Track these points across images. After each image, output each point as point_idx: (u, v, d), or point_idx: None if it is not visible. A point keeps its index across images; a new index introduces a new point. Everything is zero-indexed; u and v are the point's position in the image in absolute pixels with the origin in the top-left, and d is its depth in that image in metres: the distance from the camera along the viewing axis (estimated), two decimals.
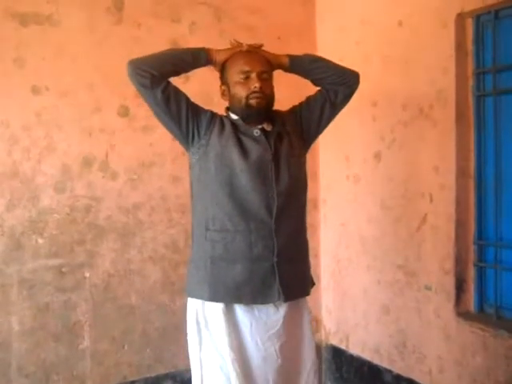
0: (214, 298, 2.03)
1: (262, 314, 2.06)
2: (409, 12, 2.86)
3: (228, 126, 2.06)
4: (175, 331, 3.01)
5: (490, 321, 2.58)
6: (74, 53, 2.83)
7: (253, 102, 2.02)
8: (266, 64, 2.08)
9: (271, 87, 2.10)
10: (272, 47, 2.25)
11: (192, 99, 2.10)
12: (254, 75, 2.02)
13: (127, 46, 2.94)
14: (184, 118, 2.04)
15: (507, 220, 2.58)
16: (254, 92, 2.01)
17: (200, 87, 2.67)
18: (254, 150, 2.03)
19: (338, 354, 3.46)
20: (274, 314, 2.08)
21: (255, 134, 2.06)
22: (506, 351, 2.44)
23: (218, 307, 2.03)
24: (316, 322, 3.56)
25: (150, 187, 3.03)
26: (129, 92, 2.93)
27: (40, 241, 2.78)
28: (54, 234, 2.81)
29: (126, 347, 2.99)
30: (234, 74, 2.05)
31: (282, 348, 2.07)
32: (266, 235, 2.02)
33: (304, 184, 2.18)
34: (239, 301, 2.04)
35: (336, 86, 2.17)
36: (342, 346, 3.42)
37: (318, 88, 2.22)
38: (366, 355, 3.23)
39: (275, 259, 2.03)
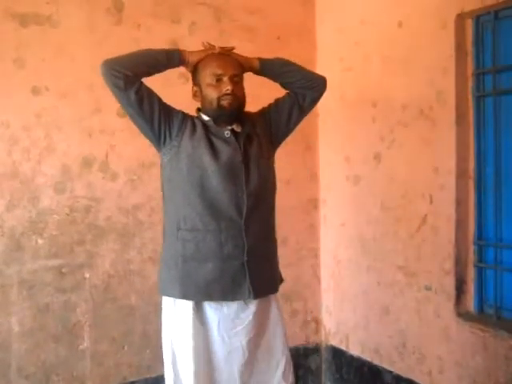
0: (184, 295, 2.09)
1: (231, 311, 2.13)
2: (408, 12, 2.86)
3: (199, 128, 2.11)
4: None
5: (489, 321, 2.58)
6: (73, 53, 2.83)
7: (224, 103, 2.07)
8: (237, 67, 2.13)
9: (242, 90, 2.15)
10: (271, 47, 2.26)
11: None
12: (226, 78, 2.07)
13: (127, 46, 2.89)
14: (156, 120, 2.07)
15: (507, 220, 2.58)
16: (226, 94, 2.06)
17: None
18: (225, 151, 2.08)
19: (337, 355, 3.46)
20: (243, 311, 2.14)
21: (225, 136, 2.10)
22: (506, 352, 2.44)
23: (187, 305, 2.09)
24: (316, 323, 3.56)
25: (150, 188, 3.03)
26: None
27: (40, 241, 2.78)
28: (53, 234, 2.81)
29: (125, 348, 2.99)
30: (207, 76, 2.10)
31: (250, 342, 2.14)
32: (236, 235, 2.07)
33: (273, 185, 2.23)
34: (209, 298, 2.10)
35: (304, 90, 2.23)
36: (342, 347, 3.42)
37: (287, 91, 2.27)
38: (366, 356, 3.23)
39: (245, 258, 2.08)
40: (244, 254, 2.08)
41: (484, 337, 2.53)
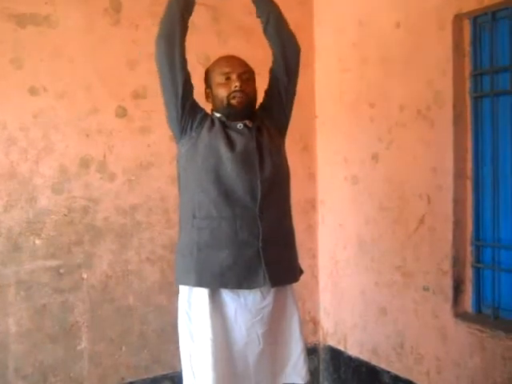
0: (199, 283, 2.09)
1: (248, 301, 2.13)
2: (406, 13, 2.86)
3: (217, 123, 2.16)
4: (173, 332, 2.96)
5: (487, 321, 2.58)
6: (71, 54, 2.83)
7: (234, 101, 2.12)
8: (246, 65, 2.19)
9: (252, 87, 2.20)
10: (268, 48, 2.26)
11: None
12: (234, 76, 2.13)
13: (125, 47, 2.94)
14: (187, 107, 2.13)
15: (505, 221, 2.59)
16: (235, 91, 2.11)
17: None
18: (239, 140, 2.12)
19: (335, 355, 3.46)
20: (260, 302, 2.14)
21: (239, 128, 2.15)
22: (503, 352, 2.44)
23: (203, 292, 2.09)
24: (314, 323, 3.57)
25: (148, 188, 3.03)
26: (126, 93, 2.96)
27: (37, 242, 2.78)
28: (51, 235, 2.81)
29: (123, 348, 2.99)
30: (216, 76, 2.16)
31: (266, 335, 2.15)
32: (250, 221, 2.08)
33: (286, 172, 2.25)
34: (225, 285, 2.09)
35: (277, 35, 2.24)
36: (340, 347, 3.42)
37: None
38: (364, 356, 3.23)
39: (260, 245, 2.08)
40: (259, 241, 2.08)
41: (482, 337, 2.54)
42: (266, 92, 2.30)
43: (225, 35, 3.17)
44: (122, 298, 2.98)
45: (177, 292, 2.23)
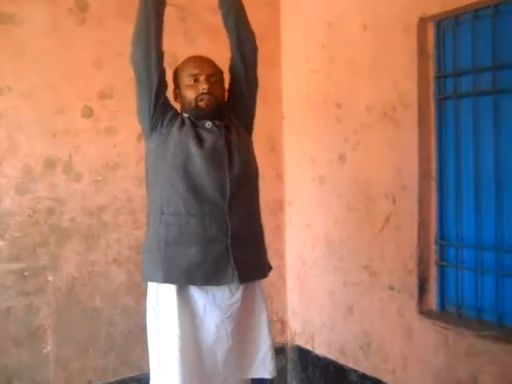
0: (167, 279, 2.09)
1: (217, 298, 2.14)
2: (373, 16, 2.90)
3: (187, 122, 2.17)
4: (140, 334, 2.96)
5: (451, 319, 2.63)
6: (36, 53, 2.79)
7: (202, 103, 2.15)
8: (215, 66, 2.21)
9: (221, 89, 2.22)
10: None
11: None
12: (202, 78, 2.16)
13: (91, 46, 2.91)
14: (159, 104, 2.13)
15: (467, 220, 2.64)
16: (203, 94, 2.13)
17: None
18: (208, 138, 2.14)
19: (303, 355, 3.48)
20: (229, 299, 2.16)
21: (207, 126, 2.16)
22: (466, 348, 2.49)
23: (171, 289, 2.09)
24: (282, 323, 3.58)
25: (115, 189, 3.00)
26: (92, 93, 2.93)
27: (1, 243, 2.72)
28: (15, 236, 2.76)
29: (90, 351, 2.95)
30: (185, 77, 2.18)
31: (234, 331, 2.16)
32: (219, 218, 2.09)
33: (255, 169, 2.28)
34: (193, 282, 2.10)
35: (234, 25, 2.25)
36: (308, 347, 3.44)
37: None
38: (332, 355, 3.26)
39: (229, 241, 2.09)
40: (228, 237, 2.09)
41: (446, 334, 2.58)
42: (229, 91, 2.31)
43: (192, 34, 3.16)
44: (89, 300, 2.95)
45: (144, 293, 2.22)
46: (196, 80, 2.15)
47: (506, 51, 2.43)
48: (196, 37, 3.16)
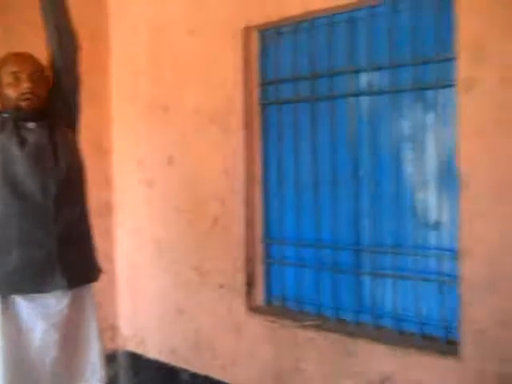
0: None
1: (43, 305, 2.05)
2: (200, 21, 2.96)
3: (8, 122, 2.05)
4: None
5: (277, 312, 2.79)
6: None
7: (23, 104, 2.04)
8: (37, 64, 2.10)
9: (43, 87, 2.10)
10: None
11: None
12: (24, 76, 2.05)
13: None
14: None
15: (289, 220, 2.82)
16: (25, 93, 2.03)
17: None
18: (31, 138, 2.04)
19: (135, 360, 3.44)
20: (56, 305, 2.08)
21: (30, 127, 2.07)
22: (290, 339, 2.65)
23: None
24: (112, 330, 3.50)
25: None
26: None
27: None
28: None
29: None
30: (5, 75, 2.05)
31: (62, 339, 2.09)
32: (44, 221, 2.01)
33: (81, 171, 2.21)
34: (17, 291, 2.00)
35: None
36: (139, 351, 3.41)
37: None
38: (163, 357, 3.26)
39: (54, 246, 2.02)
40: (53, 241, 2.01)
41: (272, 327, 2.72)
42: (51, 90, 2.20)
43: (12, 28, 2.97)
44: None
45: None
46: (17, 78, 2.03)
47: (322, 62, 2.63)
48: (17, 31, 2.97)
